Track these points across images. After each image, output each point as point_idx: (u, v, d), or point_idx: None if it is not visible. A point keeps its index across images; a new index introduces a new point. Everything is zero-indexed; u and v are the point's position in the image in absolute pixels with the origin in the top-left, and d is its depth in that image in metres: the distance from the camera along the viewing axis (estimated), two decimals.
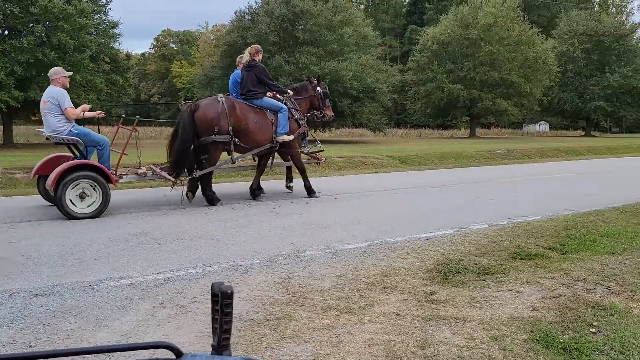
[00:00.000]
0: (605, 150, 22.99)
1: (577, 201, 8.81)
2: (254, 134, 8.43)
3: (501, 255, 5.10)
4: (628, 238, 5.79)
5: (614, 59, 43.86)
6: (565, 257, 5.08)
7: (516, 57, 36.06)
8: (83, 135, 7.41)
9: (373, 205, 8.36)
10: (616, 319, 3.43)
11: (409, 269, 4.68)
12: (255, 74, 8.49)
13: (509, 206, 8.32)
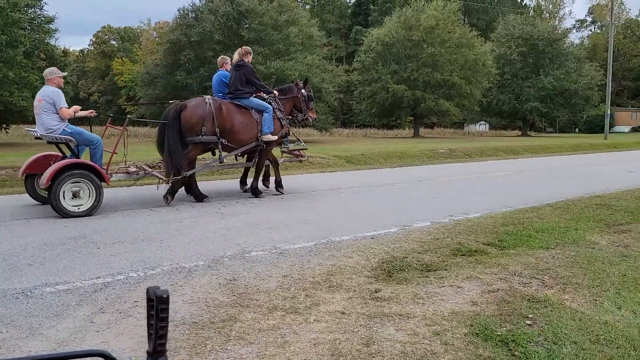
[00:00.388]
0: (540, 149, 24.00)
1: (515, 198, 9.15)
2: (239, 134, 8.69)
3: (443, 252, 5.23)
4: (560, 233, 6.06)
5: (547, 62, 45.91)
6: (503, 252, 5.26)
7: (457, 59, 37.10)
8: (76, 134, 7.56)
9: (319, 205, 8.39)
10: (550, 311, 3.58)
11: (355, 267, 4.72)
12: (243, 74, 8.75)
13: (451, 204, 8.53)
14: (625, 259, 4.97)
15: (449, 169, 15.07)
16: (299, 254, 5.19)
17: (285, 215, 7.38)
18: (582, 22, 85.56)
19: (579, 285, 4.17)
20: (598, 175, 13.35)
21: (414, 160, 17.99)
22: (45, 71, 7.85)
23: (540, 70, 45.76)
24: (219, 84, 9.24)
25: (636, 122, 63.04)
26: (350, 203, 8.65)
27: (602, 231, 6.28)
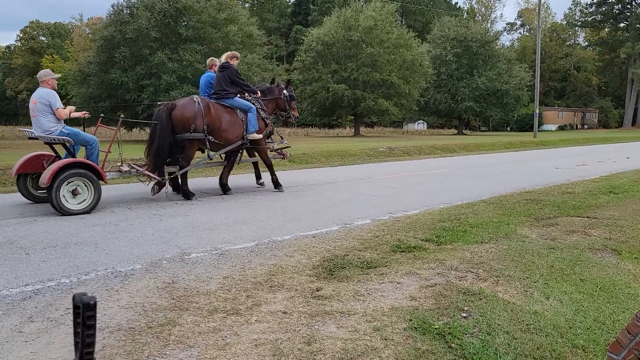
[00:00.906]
0: (475, 147, 24.87)
1: (451, 195, 9.44)
2: (226, 132, 9.17)
3: (383, 249, 5.32)
4: (494, 228, 6.31)
5: (480, 63, 47.65)
6: (440, 248, 5.41)
7: (395, 59, 37.85)
8: (73, 134, 7.87)
9: (261, 204, 8.35)
10: (484, 303, 3.71)
11: (296, 266, 4.72)
12: (228, 75, 9.25)
13: (391, 201, 8.70)
14: (552, 251, 5.23)
15: (389, 167, 15.35)
16: (240, 255, 5.14)
17: (226, 215, 7.29)
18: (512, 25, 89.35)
19: (511, 278, 4.34)
20: (528, 172, 13.96)
21: (354, 159, 18.21)
22: (39, 73, 8.06)
23: (474, 71, 47.43)
24: (206, 85, 9.66)
25: (562, 121, 66.61)
26: (292, 202, 8.65)
27: (532, 225, 6.57)
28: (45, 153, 8.37)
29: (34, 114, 7.75)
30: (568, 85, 79.22)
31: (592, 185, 10.55)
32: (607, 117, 75.72)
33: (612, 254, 5.27)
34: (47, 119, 7.74)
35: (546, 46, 75.31)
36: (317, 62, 38.82)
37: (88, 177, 7.55)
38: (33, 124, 7.82)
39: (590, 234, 6.09)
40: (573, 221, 6.83)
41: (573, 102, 76.52)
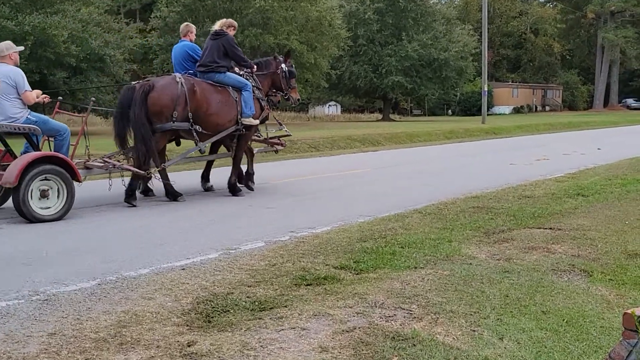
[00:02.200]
0: (406, 138, 25.76)
1: (375, 204, 9.68)
2: (216, 117, 10.02)
3: (282, 283, 5.35)
4: (431, 247, 6.54)
5: (410, 24, 49.38)
6: (360, 277, 5.53)
7: (295, 16, 38.23)
8: (42, 122, 8.53)
9: (106, 225, 8.15)
10: (419, 350, 3.85)
11: (158, 312, 4.64)
12: (222, 44, 10.09)
13: (293, 215, 8.77)
14: (507, 275, 5.52)
15: (290, 168, 15.47)
16: (74, 300, 4.96)
17: (57, 242, 7.02)
18: None
19: (453, 314, 4.53)
20: (475, 170, 14.65)
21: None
22: (0, 45, 8.59)
23: (402, 33, 49.05)
24: (183, 57, 10.51)
25: (518, 101, 70.56)
26: (151, 220, 8.49)
27: (480, 242, 6.89)
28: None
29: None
30: (524, 54, 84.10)
31: (556, 186, 11.26)
32: (574, 96, 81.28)
33: (581, 275, 5.65)
34: (11, 104, 8.37)
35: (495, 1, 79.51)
36: (185, 19, 38.29)
37: (61, 175, 8.21)
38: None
39: (554, 250, 6.49)
40: (533, 234, 7.25)
41: (531, 76, 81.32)
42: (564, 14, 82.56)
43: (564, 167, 14.53)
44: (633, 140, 26.06)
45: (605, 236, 7.13)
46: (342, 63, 47.53)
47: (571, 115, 60.46)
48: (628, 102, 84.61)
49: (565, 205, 9.16)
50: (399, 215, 8.53)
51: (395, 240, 6.88)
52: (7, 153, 8.67)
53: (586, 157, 17.27)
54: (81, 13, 28.69)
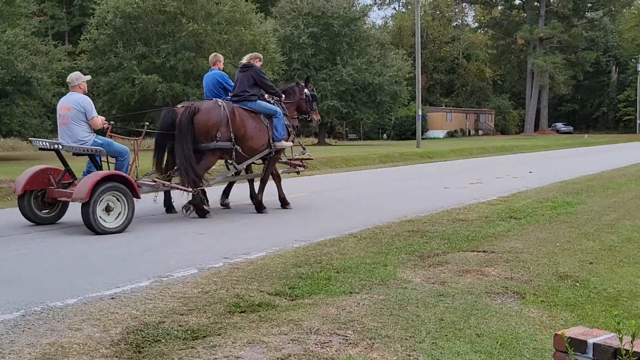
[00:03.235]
0: (342, 162, 25.94)
1: (310, 228, 9.72)
2: (252, 141, 11.09)
3: (216, 310, 5.29)
4: (366, 272, 6.59)
5: (345, 48, 49.92)
6: (295, 303, 5.52)
7: (229, 40, 38.24)
8: (106, 145, 9.84)
9: (36, 252, 7.93)
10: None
11: (85, 344, 4.52)
12: (252, 76, 11.22)
13: (227, 241, 8.72)
14: (442, 298, 5.60)
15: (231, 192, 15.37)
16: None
17: None
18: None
19: (389, 339, 4.56)
20: (410, 193, 14.86)
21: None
22: (71, 76, 10.05)
23: (337, 58, 49.51)
24: (214, 85, 11.59)
25: (451, 125, 72.02)
26: (81, 246, 8.34)
27: (415, 265, 6.98)
28: (51, 167, 10.17)
29: (66, 121, 9.64)
30: (457, 79, 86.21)
31: (489, 209, 11.52)
32: (506, 120, 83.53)
33: (514, 298, 5.77)
34: (80, 128, 9.66)
35: (428, 27, 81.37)
36: (116, 42, 37.85)
37: (123, 192, 9.31)
38: (61, 133, 9.80)
39: (487, 273, 6.62)
40: (467, 257, 7.38)
41: (464, 101, 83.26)
42: (495, 40, 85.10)
43: (497, 191, 14.87)
44: (563, 163, 26.92)
45: (537, 258, 7.31)
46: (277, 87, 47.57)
47: (503, 139, 62.06)
48: (558, 126, 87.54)
49: (498, 228, 9.36)
50: (334, 240, 8.56)
51: (331, 265, 6.90)
52: (67, 172, 10.07)
53: (518, 181, 17.72)
54: (6, 35, 28.01)
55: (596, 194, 13.88)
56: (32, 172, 9.83)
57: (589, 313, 5.35)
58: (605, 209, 11.51)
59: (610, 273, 6.75)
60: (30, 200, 9.83)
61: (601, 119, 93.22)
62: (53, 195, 9.89)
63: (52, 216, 10.24)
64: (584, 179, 17.91)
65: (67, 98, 9.87)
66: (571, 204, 11.99)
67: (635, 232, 9.16)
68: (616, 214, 10.92)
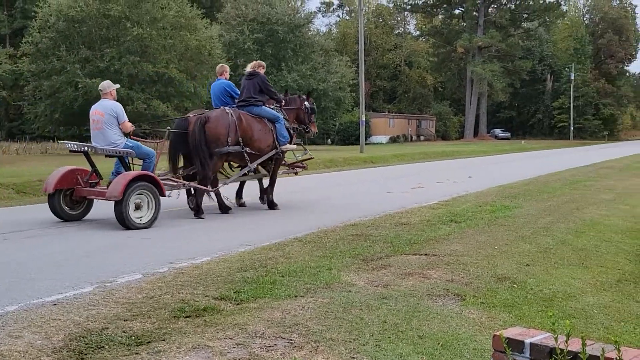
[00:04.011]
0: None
1: (257, 233, 9.70)
2: (259, 142, 12.10)
3: (160, 315, 5.22)
4: (311, 275, 6.60)
5: (290, 54, 50.04)
6: (241, 307, 5.49)
7: (175, 45, 37.90)
8: (136, 147, 10.76)
9: None
10: None
11: (27, 352, 4.41)
12: (257, 83, 12.19)
13: (172, 246, 8.63)
14: (385, 301, 5.64)
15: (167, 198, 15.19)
16: None
17: None
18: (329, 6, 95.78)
19: (333, 341, 4.57)
20: (353, 198, 14.93)
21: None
22: (103, 84, 11.06)
23: (282, 64, 49.58)
24: (221, 93, 12.55)
25: (394, 131, 72.68)
26: (22, 253, 8.15)
27: (359, 269, 7.02)
28: (79, 168, 10.97)
29: (100, 126, 10.57)
30: (399, 85, 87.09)
31: (431, 213, 11.66)
32: (446, 126, 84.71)
33: (454, 300, 5.85)
34: (113, 132, 10.57)
35: (371, 34, 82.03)
36: (59, 45, 37.08)
37: (151, 190, 10.19)
38: (95, 137, 10.72)
39: (429, 275, 6.70)
40: (409, 260, 7.46)
41: (406, 107, 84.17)
42: (436, 48, 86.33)
43: (438, 195, 15.07)
44: (501, 168, 27.47)
45: (476, 261, 7.43)
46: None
47: (444, 144, 62.94)
48: (496, 132, 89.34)
49: (439, 232, 9.48)
50: (279, 244, 8.55)
51: (276, 269, 6.89)
52: (94, 173, 10.93)
53: (458, 185, 18.00)
54: None
55: (532, 198, 14.20)
56: (62, 172, 10.59)
57: (526, 313, 5.46)
58: (541, 212, 11.79)
59: (546, 275, 6.92)
60: (60, 198, 10.59)
61: (537, 125, 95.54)
62: (81, 193, 10.71)
63: (79, 213, 10.99)
64: (521, 183, 18.32)
65: (99, 104, 10.80)
66: (509, 207, 12.24)
67: (569, 235, 9.41)
68: (551, 217, 11.19)
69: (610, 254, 8.33)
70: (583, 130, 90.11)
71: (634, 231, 10.13)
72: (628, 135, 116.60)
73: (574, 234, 9.64)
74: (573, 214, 11.72)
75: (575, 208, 12.56)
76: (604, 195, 15.31)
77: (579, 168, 26.24)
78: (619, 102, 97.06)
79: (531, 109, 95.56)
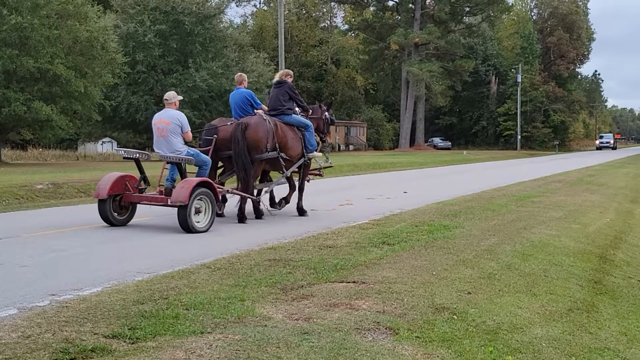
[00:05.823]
0: None
1: (156, 258, 9.55)
2: (292, 150, 14.29)
3: (39, 358, 5.08)
4: (221, 308, 6.53)
5: (198, 49, 49.73)
6: (136, 347, 5.38)
7: (61, 36, 37.10)
8: (195, 155, 12.83)
9: None
10: None
11: None
12: (286, 91, 14.37)
13: (54, 275, 8.39)
14: (306, 337, 5.63)
15: (51, 217, 14.84)
16: None
17: None
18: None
19: None
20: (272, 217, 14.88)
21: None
22: (169, 94, 13.31)
23: (189, 60, 49.26)
24: (242, 102, 14.33)
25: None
26: None
27: (277, 299, 7.00)
28: (127, 174, 13.09)
29: (165, 134, 12.64)
30: (325, 87, 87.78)
31: (360, 234, 11.74)
32: (379, 134, 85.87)
33: (386, 334, 5.89)
34: (177, 140, 12.68)
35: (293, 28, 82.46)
36: None
37: (209, 196, 12.25)
38: (159, 144, 12.79)
39: (357, 306, 6.73)
40: (335, 289, 7.47)
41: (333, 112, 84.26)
42: (367, 45, 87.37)
43: (369, 213, 15.21)
44: (440, 182, 27.97)
45: (411, 289, 7.52)
46: (118, 93, 46.67)
47: (376, 155, 63.61)
48: (435, 141, 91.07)
49: (370, 256, 9.56)
50: (184, 272, 8.43)
51: (179, 301, 6.79)
52: (143, 180, 13.18)
53: (392, 202, 18.20)
54: None
55: (475, 216, 14.51)
56: (114, 179, 12.66)
57: (467, 349, 5.56)
58: (485, 232, 12.05)
59: (490, 304, 7.06)
60: (110, 204, 12.55)
61: (481, 133, 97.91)
62: (132, 199, 12.87)
63: (125, 218, 13.02)
64: (462, 199, 18.69)
65: (164, 113, 12.95)
66: (449, 227, 12.46)
67: (516, 258, 9.65)
68: (496, 238, 11.45)
69: (561, 280, 8.59)
70: (532, 140, 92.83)
71: (586, 253, 10.48)
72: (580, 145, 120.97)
73: (521, 257, 9.90)
74: (520, 234, 12.03)
75: (523, 227, 12.90)
76: (553, 212, 15.79)
77: (526, 182, 26.96)
78: (570, 108, 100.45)
79: (474, 115, 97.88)
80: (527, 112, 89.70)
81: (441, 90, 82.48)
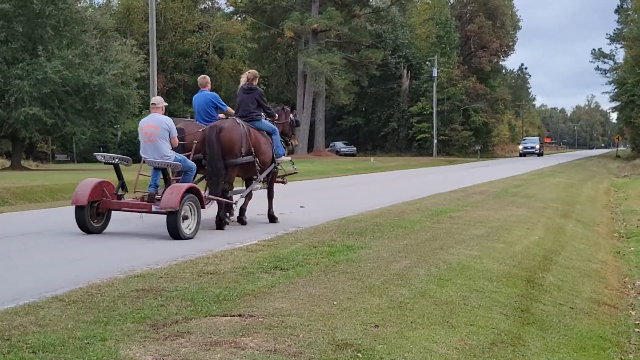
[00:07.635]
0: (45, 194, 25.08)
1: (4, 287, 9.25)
2: (263, 155, 16.50)
3: None
4: (76, 350, 6.36)
5: (50, 34, 48.48)
6: None
7: None
8: (182, 160, 14.92)
9: None
10: None
11: None
12: (256, 99, 16.58)
13: None
14: None
15: None
16: None
17: None
18: None
19: None
20: (138, 238, 14.66)
21: None
22: (156, 98, 15.89)
23: (38, 47, 48.00)
24: (207, 105, 16.74)
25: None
26: None
27: (145, 338, 6.87)
28: (104, 180, 14.62)
29: (154, 138, 14.57)
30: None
31: (247, 257, 11.68)
32: None
33: None
34: (166, 145, 14.62)
35: (167, 10, 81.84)
36: None
37: (196, 202, 14.10)
38: (146, 148, 14.79)
39: (243, 345, 6.69)
40: (216, 324, 7.40)
41: None
42: (256, 31, 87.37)
43: (258, 232, 15.22)
44: (343, 194, 28.18)
45: (309, 322, 7.52)
46: None
47: None
48: (338, 146, 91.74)
49: (259, 284, 9.52)
50: (30, 306, 8.19)
51: (25, 343, 6.60)
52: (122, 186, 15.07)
53: (286, 218, 18.22)
54: None
55: (384, 234, 14.65)
56: (93, 184, 14.16)
57: None
58: (395, 254, 12.17)
59: (400, 338, 7.14)
60: (88, 211, 14.12)
61: (391, 137, 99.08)
62: (111, 206, 14.59)
63: (101, 226, 14.70)
64: (369, 215, 18.87)
65: (151, 118, 14.89)
66: (353, 248, 12.53)
67: (431, 284, 9.80)
68: (408, 260, 11.58)
69: (483, 308, 8.75)
70: (450, 144, 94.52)
71: (512, 277, 10.73)
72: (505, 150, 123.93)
73: (437, 282, 10.05)
74: (436, 255, 12.21)
75: (439, 247, 13.10)
76: (474, 229, 16.11)
77: (443, 194, 27.42)
78: (493, 108, 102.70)
79: (383, 116, 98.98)
80: (444, 111, 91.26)
81: (344, 85, 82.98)
